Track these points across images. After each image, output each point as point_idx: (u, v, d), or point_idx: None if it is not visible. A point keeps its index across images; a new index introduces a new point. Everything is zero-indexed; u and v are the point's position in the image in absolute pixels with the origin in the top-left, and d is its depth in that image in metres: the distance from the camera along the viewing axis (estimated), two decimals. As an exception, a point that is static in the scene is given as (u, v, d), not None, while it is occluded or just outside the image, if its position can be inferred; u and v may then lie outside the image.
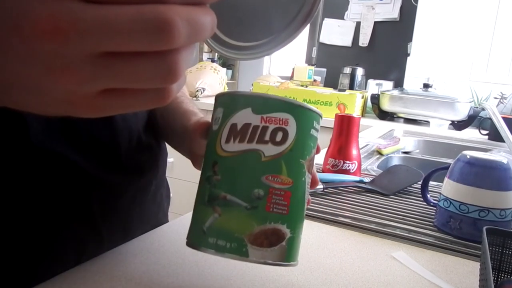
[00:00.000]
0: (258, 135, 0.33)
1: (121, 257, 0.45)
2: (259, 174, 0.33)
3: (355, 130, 0.84)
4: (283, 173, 0.33)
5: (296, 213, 0.35)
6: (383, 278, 0.46)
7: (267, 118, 0.33)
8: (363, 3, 2.58)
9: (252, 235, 0.33)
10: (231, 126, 0.34)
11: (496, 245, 0.44)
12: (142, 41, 0.21)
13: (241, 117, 0.34)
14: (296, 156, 0.34)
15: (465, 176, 0.57)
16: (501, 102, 2.16)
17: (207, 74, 2.34)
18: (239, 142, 0.33)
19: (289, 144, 0.33)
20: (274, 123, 0.33)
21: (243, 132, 0.33)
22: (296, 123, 0.33)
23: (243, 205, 0.33)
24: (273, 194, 0.33)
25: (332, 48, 2.71)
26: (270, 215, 0.33)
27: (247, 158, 0.33)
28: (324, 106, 1.99)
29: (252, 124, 0.33)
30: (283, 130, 0.33)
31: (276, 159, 0.33)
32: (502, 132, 1.21)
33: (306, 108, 0.35)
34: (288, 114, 0.33)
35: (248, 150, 0.33)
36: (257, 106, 0.33)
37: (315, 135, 0.36)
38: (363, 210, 0.66)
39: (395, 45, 2.52)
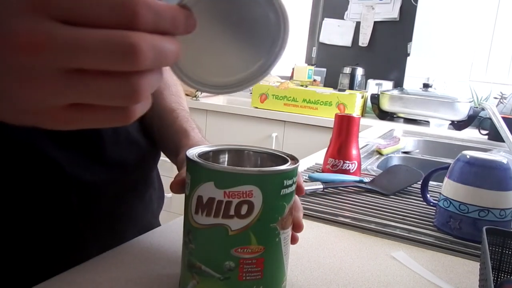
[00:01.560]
0: (222, 210, 0.33)
1: (121, 257, 0.45)
2: (228, 247, 0.34)
3: (355, 130, 0.84)
4: (252, 243, 0.34)
5: (272, 273, 0.35)
6: (383, 278, 0.46)
7: (230, 193, 0.33)
8: (363, 3, 2.58)
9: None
10: (197, 198, 0.34)
11: (496, 245, 0.44)
12: (109, 61, 0.23)
13: (206, 190, 0.34)
14: (265, 223, 0.34)
15: (465, 176, 0.57)
16: (501, 102, 2.16)
17: (207, 74, 2.34)
18: (206, 216, 0.34)
19: (256, 214, 0.33)
20: (237, 197, 0.33)
21: (209, 206, 0.33)
22: (262, 192, 0.33)
23: (216, 276, 0.34)
24: (244, 264, 0.34)
25: (332, 48, 2.71)
26: (243, 283, 0.34)
27: (215, 232, 0.34)
28: (324, 106, 1.99)
29: (216, 199, 0.33)
30: (248, 202, 0.33)
31: (243, 231, 0.33)
32: (502, 132, 1.21)
33: (270, 174, 0.34)
34: (251, 185, 0.33)
35: (215, 224, 0.33)
36: (219, 181, 0.33)
37: (289, 191, 0.35)
38: (363, 210, 0.66)
39: (395, 45, 2.52)
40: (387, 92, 2.06)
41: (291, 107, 2.04)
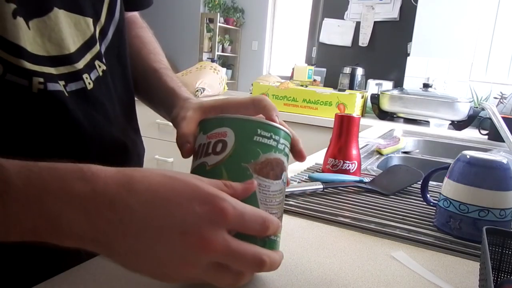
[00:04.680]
0: (204, 150, 0.39)
1: (121, 257, 0.45)
2: None
3: (355, 130, 0.84)
4: (224, 176, 0.37)
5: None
6: (383, 278, 0.46)
7: (210, 135, 0.40)
8: (363, 3, 2.59)
9: None
10: (194, 148, 0.42)
11: (496, 245, 0.44)
12: (248, 268, 0.35)
13: (198, 140, 0.41)
14: (236, 161, 0.38)
15: (465, 176, 0.57)
16: (501, 102, 2.16)
17: (207, 74, 2.34)
18: (195, 159, 0.41)
19: (228, 151, 0.38)
20: (215, 137, 0.39)
21: (197, 152, 0.41)
22: (234, 133, 0.39)
23: None
24: None
25: (332, 48, 2.71)
26: None
27: (197, 171, 0.39)
28: (324, 106, 1.99)
29: (201, 143, 0.40)
30: (222, 142, 0.38)
31: (217, 166, 0.38)
32: (502, 132, 1.21)
33: (242, 119, 0.40)
34: (226, 127, 0.39)
35: (198, 164, 0.40)
36: (205, 128, 0.41)
37: (264, 141, 0.39)
38: (363, 210, 0.66)
39: (395, 45, 2.52)
40: (387, 92, 2.06)
41: (291, 107, 2.04)
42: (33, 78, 0.43)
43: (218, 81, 2.41)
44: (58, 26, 0.45)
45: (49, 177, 0.31)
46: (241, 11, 6.00)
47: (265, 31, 5.94)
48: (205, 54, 5.73)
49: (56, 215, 0.30)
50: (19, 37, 0.42)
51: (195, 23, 5.80)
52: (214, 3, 5.85)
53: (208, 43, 5.77)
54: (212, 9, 5.88)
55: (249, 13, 5.98)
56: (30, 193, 0.30)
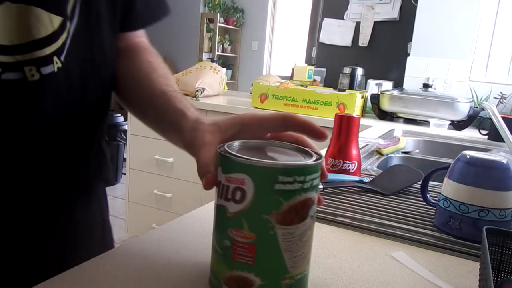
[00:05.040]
0: (224, 193, 0.37)
1: (121, 257, 0.45)
2: (226, 227, 0.37)
3: (355, 130, 0.84)
4: (244, 228, 0.36)
5: (266, 263, 0.37)
6: (383, 278, 0.46)
7: (229, 178, 0.36)
8: (363, 3, 2.59)
9: (225, 278, 0.37)
10: (216, 180, 0.39)
11: (496, 245, 0.44)
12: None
13: (219, 175, 0.38)
14: (257, 213, 0.36)
15: (465, 176, 0.57)
16: (501, 102, 2.16)
17: (206, 74, 2.34)
18: (217, 196, 0.38)
19: (248, 202, 0.35)
20: (233, 183, 0.36)
21: (218, 188, 0.38)
22: (253, 182, 0.35)
23: (219, 251, 0.38)
24: (237, 246, 0.36)
25: (332, 48, 2.72)
26: (236, 263, 0.37)
27: (219, 211, 0.38)
28: (324, 106, 1.99)
29: (221, 182, 0.37)
30: (241, 190, 0.36)
31: (237, 216, 0.36)
32: (502, 132, 1.21)
33: (260, 166, 0.35)
34: (244, 174, 0.35)
35: (220, 205, 0.38)
36: (224, 166, 0.37)
37: (287, 188, 0.35)
38: (363, 210, 0.66)
39: (395, 45, 2.52)
40: (387, 92, 2.06)
41: (291, 107, 2.04)
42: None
43: (218, 81, 2.41)
44: (7, 19, 0.43)
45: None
46: (241, 11, 5.99)
47: (265, 31, 5.94)
48: (205, 54, 5.73)
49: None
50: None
51: (195, 23, 5.80)
52: (214, 3, 5.85)
53: (208, 43, 5.77)
54: (212, 9, 5.88)
55: (249, 13, 5.98)
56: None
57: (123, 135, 3.56)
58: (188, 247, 0.49)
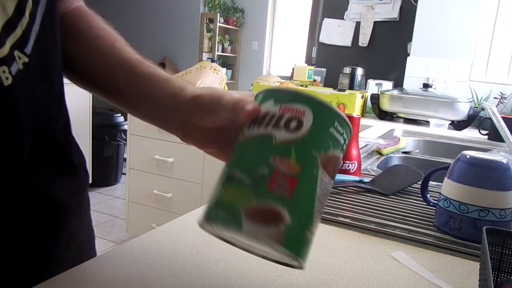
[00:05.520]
0: (274, 121, 0.35)
1: (121, 257, 0.45)
2: (268, 154, 0.34)
3: (355, 130, 0.84)
4: (291, 157, 0.34)
5: (301, 202, 0.35)
6: (383, 278, 0.46)
7: (285, 108, 0.35)
8: (363, 3, 2.59)
9: (250, 210, 0.33)
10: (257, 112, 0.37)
11: (496, 245, 0.44)
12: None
13: (264, 108, 0.37)
14: (308, 147, 0.35)
15: (465, 176, 0.57)
16: (501, 102, 2.16)
17: (207, 74, 2.34)
18: (257, 127, 0.36)
19: (303, 133, 0.34)
20: (290, 112, 0.35)
21: (262, 119, 0.36)
22: (313, 116, 0.35)
23: (247, 181, 0.34)
24: (277, 175, 0.34)
25: (332, 48, 2.72)
26: (271, 194, 0.33)
27: (260, 140, 0.35)
28: (324, 106, 1.99)
29: (271, 112, 0.36)
30: (298, 120, 0.35)
31: (286, 144, 0.34)
32: (502, 132, 1.21)
33: (325, 106, 0.36)
34: (306, 106, 0.35)
35: (262, 134, 0.35)
36: (279, 97, 0.36)
37: (337, 136, 0.36)
38: (363, 210, 0.66)
39: (395, 45, 2.52)
40: (387, 92, 2.06)
41: (291, 107, 2.04)
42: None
43: (218, 81, 2.41)
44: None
45: None
46: (241, 11, 5.99)
47: (265, 31, 5.94)
48: (205, 54, 5.72)
49: None
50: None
51: (195, 23, 5.80)
52: (214, 3, 5.85)
53: (208, 43, 5.77)
54: (212, 9, 5.87)
55: (249, 13, 5.98)
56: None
57: (123, 135, 3.56)
58: (188, 247, 0.49)
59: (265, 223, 0.33)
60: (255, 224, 0.33)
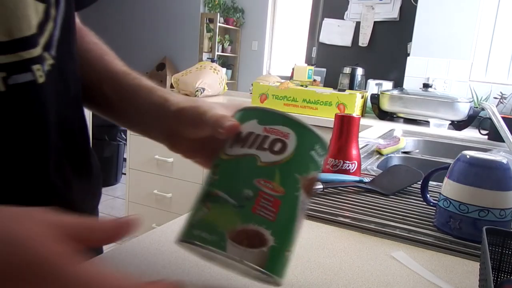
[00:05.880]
0: (259, 142, 0.35)
1: (121, 257, 0.45)
2: (252, 176, 0.34)
3: (355, 130, 0.84)
4: (276, 180, 0.34)
5: (284, 224, 0.35)
6: (383, 278, 0.46)
7: (269, 129, 0.36)
8: (363, 3, 2.59)
9: (234, 232, 0.33)
10: (237, 134, 0.37)
11: (496, 245, 0.44)
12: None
13: (247, 127, 0.37)
14: (292, 169, 0.35)
15: (465, 176, 0.57)
16: (501, 102, 2.16)
17: (206, 74, 2.34)
18: (241, 147, 0.36)
19: (287, 155, 0.35)
20: (275, 134, 0.35)
21: (246, 138, 0.36)
22: (297, 139, 0.35)
23: (231, 202, 0.34)
24: (262, 198, 0.34)
25: (332, 48, 2.72)
26: (255, 216, 0.33)
27: (244, 161, 0.35)
28: (324, 106, 1.99)
29: (255, 132, 0.36)
30: (283, 142, 0.35)
31: (271, 166, 0.35)
32: (502, 132, 1.21)
33: (308, 129, 0.36)
34: (290, 129, 0.35)
35: (246, 154, 0.35)
36: (263, 118, 0.37)
37: (316, 158, 0.37)
38: (363, 210, 0.66)
39: (395, 45, 2.52)
40: (387, 92, 2.06)
41: (291, 107, 2.04)
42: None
43: (218, 81, 2.41)
44: (3, 6, 0.39)
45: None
46: (241, 11, 5.99)
47: (265, 31, 5.94)
48: (205, 54, 5.72)
49: None
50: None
51: (195, 23, 5.80)
52: (214, 3, 5.85)
53: (208, 43, 5.77)
54: (212, 9, 5.87)
55: (249, 13, 5.98)
56: None
57: (123, 135, 3.56)
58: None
59: (250, 245, 0.33)
60: (239, 246, 0.33)
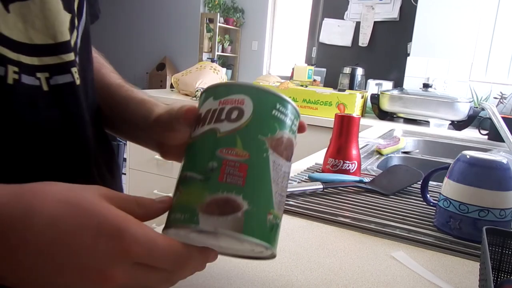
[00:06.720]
0: (215, 116, 0.36)
1: (121, 257, 0.45)
2: (214, 148, 0.35)
3: (355, 130, 0.84)
4: (238, 146, 0.34)
5: (256, 186, 0.34)
6: (383, 278, 0.46)
7: (224, 101, 0.36)
8: (363, 3, 2.59)
9: (204, 204, 0.33)
10: (197, 116, 0.38)
11: (496, 245, 0.44)
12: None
13: (205, 107, 0.37)
14: (254, 132, 0.35)
15: (465, 176, 0.57)
16: (501, 102, 2.16)
17: (206, 74, 2.34)
18: (201, 126, 0.37)
19: (245, 120, 0.35)
20: (230, 104, 0.36)
21: (205, 117, 0.37)
22: (253, 102, 0.36)
23: (198, 178, 0.34)
24: (226, 166, 0.34)
25: (332, 48, 2.71)
26: (223, 184, 0.33)
27: (204, 137, 0.36)
28: (324, 106, 1.99)
29: (212, 108, 0.37)
30: (239, 109, 0.35)
31: (231, 134, 0.35)
32: (502, 132, 1.21)
33: (263, 90, 0.37)
34: (244, 95, 0.36)
35: (206, 130, 0.36)
36: (217, 93, 0.37)
37: (281, 118, 0.37)
38: (363, 210, 0.66)
39: (395, 45, 2.52)
40: (387, 92, 2.06)
41: (291, 107, 2.04)
42: (8, 66, 0.39)
43: (218, 81, 2.41)
44: (44, 13, 0.41)
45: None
46: (241, 11, 5.99)
47: (265, 31, 5.94)
48: (205, 54, 5.72)
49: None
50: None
51: (195, 23, 5.80)
52: (214, 3, 5.85)
53: (208, 43, 5.77)
54: (212, 9, 5.87)
55: (249, 13, 5.98)
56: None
57: (123, 135, 3.56)
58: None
59: (222, 214, 0.33)
60: (211, 216, 0.32)
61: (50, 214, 0.29)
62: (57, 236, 0.29)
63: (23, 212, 0.29)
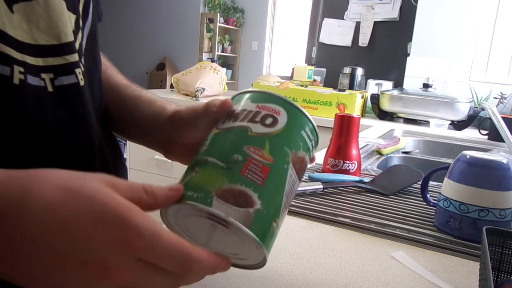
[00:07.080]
0: (250, 116, 0.38)
1: (121, 257, 0.45)
2: (242, 143, 0.36)
3: (355, 130, 0.84)
4: (265, 149, 0.36)
5: (272, 191, 0.35)
6: (383, 278, 0.46)
7: (261, 106, 0.38)
8: (363, 3, 2.58)
9: (220, 190, 0.33)
10: (230, 112, 0.39)
11: (496, 245, 0.44)
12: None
13: (241, 106, 0.39)
14: (281, 142, 0.37)
15: (465, 176, 0.57)
16: (501, 102, 2.16)
17: (207, 74, 2.34)
18: (233, 121, 0.38)
19: (277, 129, 0.37)
20: (266, 110, 0.38)
21: (238, 114, 0.38)
22: (287, 117, 0.38)
23: (220, 165, 0.35)
24: (250, 163, 0.35)
25: (332, 48, 2.71)
26: (243, 178, 0.34)
27: (235, 131, 0.37)
28: (324, 106, 1.99)
29: (247, 109, 0.38)
30: (273, 117, 0.37)
31: (261, 136, 0.36)
32: (502, 132, 1.21)
33: (298, 109, 0.39)
34: (281, 107, 0.38)
35: (238, 126, 0.37)
36: (256, 98, 0.39)
37: (306, 140, 0.39)
38: (363, 210, 0.66)
39: (395, 45, 2.52)
40: (387, 92, 2.06)
41: (291, 107, 2.04)
42: (14, 66, 0.39)
43: (218, 81, 2.41)
44: (48, 13, 0.41)
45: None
46: (241, 11, 5.99)
47: (265, 31, 5.94)
48: (205, 54, 5.72)
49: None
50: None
51: (195, 23, 5.80)
52: (214, 3, 5.85)
53: (208, 43, 5.77)
54: (212, 9, 5.87)
55: (249, 13, 5.98)
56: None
57: (123, 135, 3.55)
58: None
59: (235, 203, 0.33)
60: (225, 203, 0.33)
61: (48, 199, 0.28)
62: (53, 223, 0.27)
63: (21, 195, 0.28)
